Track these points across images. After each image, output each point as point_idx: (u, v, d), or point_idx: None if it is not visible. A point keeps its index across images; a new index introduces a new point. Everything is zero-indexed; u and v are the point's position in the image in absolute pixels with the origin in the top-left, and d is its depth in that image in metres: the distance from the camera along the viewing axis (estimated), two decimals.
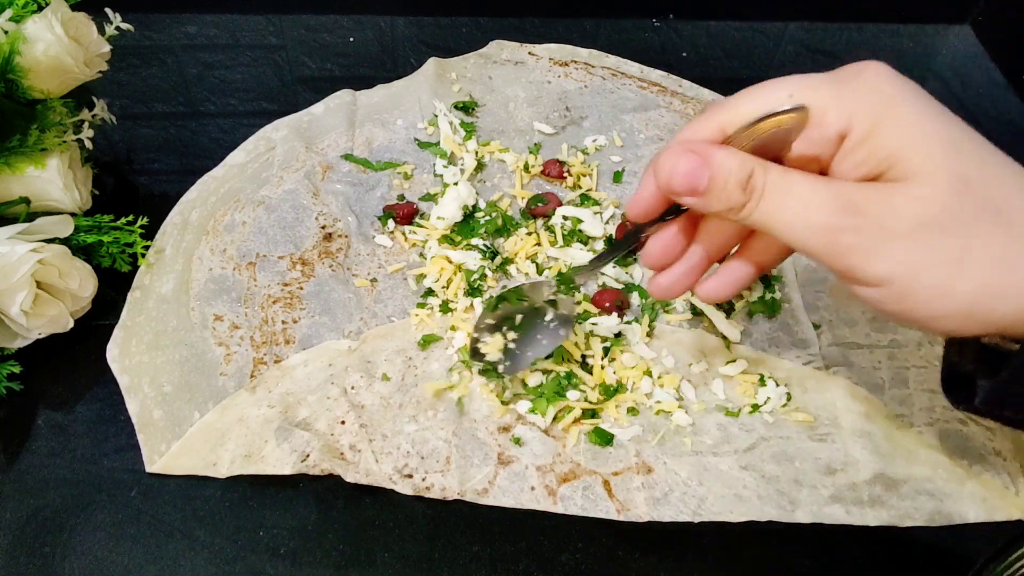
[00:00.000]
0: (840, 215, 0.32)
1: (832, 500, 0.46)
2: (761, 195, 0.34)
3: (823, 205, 0.32)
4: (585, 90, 0.70)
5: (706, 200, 0.35)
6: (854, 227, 0.32)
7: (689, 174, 0.34)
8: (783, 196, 0.33)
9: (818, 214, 0.32)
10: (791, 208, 0.33)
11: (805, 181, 0.33)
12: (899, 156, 0.31)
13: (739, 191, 0.34)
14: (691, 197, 0.35)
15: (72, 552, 0.44)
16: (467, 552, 0.45)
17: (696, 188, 0.34)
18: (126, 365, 0.51)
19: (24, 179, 0.52)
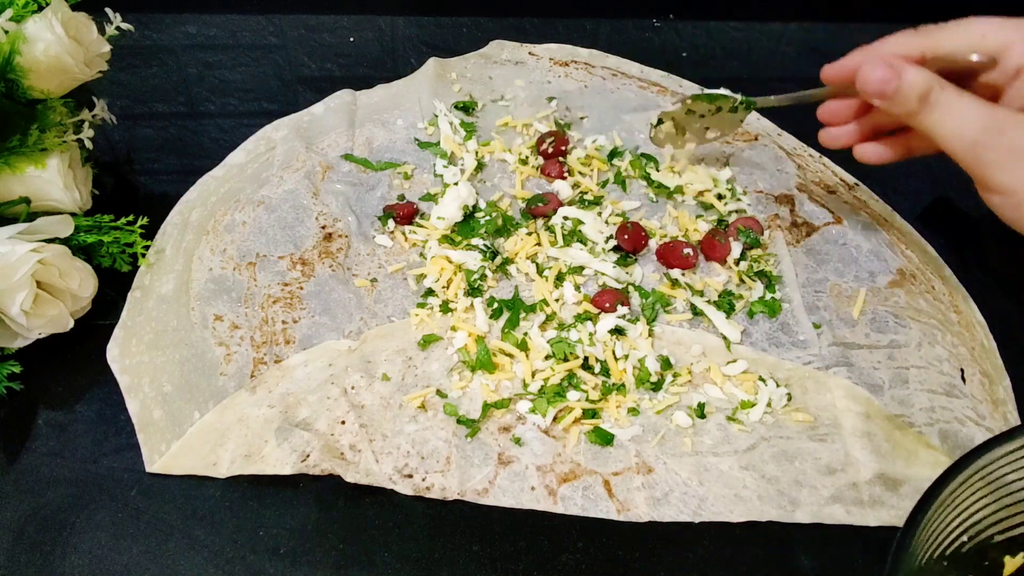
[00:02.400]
0: (986, 134, 0.41)
1: (832, 500, 0.46)
2: (933, 107, 0.43)
3: (976, 123, 0.42)
4: (585, 90, 0.70)
5: (890, 103, 0.44)
6: (995, 145, 0.41)
7: (882, 81, 0.44)
8: (949, 111, 0.43)
9: (970, 130, 0.42)
10: (951, 122, 0.43)
11: (969, 102, 0.42)
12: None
13: (916, 102, 0.43)
14: (879, 99, 0.45)
15: (72, 551, 0.44)
16: (467, 552, 0.45)
17: (884, 92, 0.44)
18: (126, 365, 0.51)
19: (24, 179, 0.52)
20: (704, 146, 0.65)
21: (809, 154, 0.67)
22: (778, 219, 0.60)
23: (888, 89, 0.44)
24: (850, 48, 0.79)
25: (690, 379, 0.51)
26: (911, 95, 0.43)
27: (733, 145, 0.66)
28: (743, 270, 0.57)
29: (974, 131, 0.42)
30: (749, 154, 0.65)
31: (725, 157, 0.65)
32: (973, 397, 0.51)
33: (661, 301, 0.55)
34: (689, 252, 0.56)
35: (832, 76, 0.49)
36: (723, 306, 0.55)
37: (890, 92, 0.44)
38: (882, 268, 0.57)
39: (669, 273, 0.56)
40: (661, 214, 0.60)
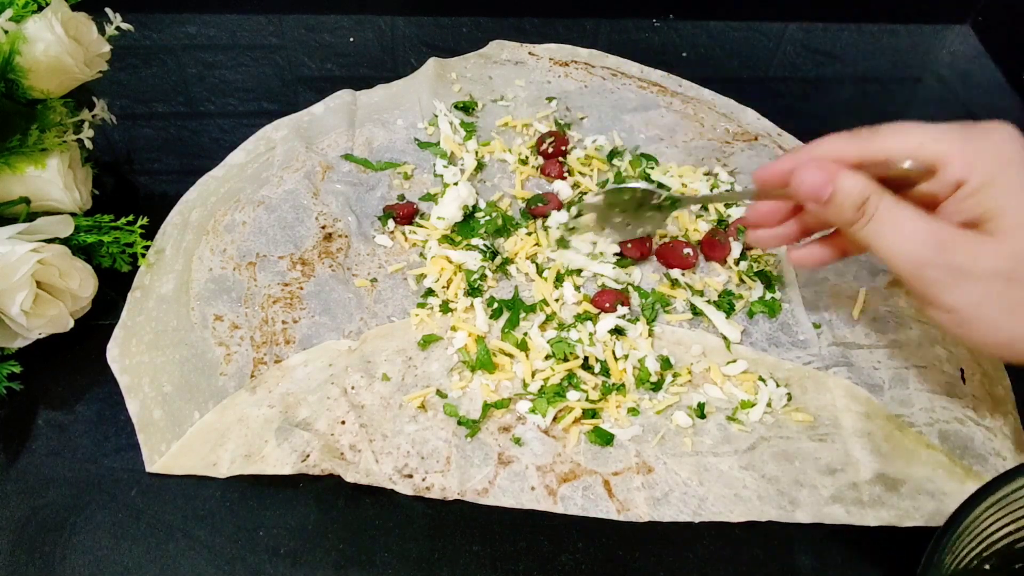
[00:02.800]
0: (932, 251, 0.39)
1: (832, 500, 0.46)
2: (871, 218, 0.41)
3: (920, 239, 0.40)
4: (585, 90, 0.70)
5: (826, 210, 0.42)
6: (940, 264, 0.39)
7: (817, 185, 0.42)
8: (889, 224, 0.40)
9: (913, 246, 0.40)
10: (892, 235, 0.40)
11: (910, 215, 0.40)
12: (998, 214, 0.39)
13: (853, 211, 0.41)
14: (814, 204, 0.43)
15: (72, 551, 0.44)
16: (467, 552, 0.45)
17: (819, 197, 0.42)
18: (126, 365, 0.51)
19: (24, 179, 0.52)
20: (702, 146, 0.65)
21: None
22: None
23: (823, 194, 0.42)
24: (850, 48, 0.79)
25: (690, 379, 0.51)
26: (847, 203, 0.41)
27: (733, 145, 0.66)
28: (743, 270, 0.57)
29: (916, 248, 0.40)
30: (749, 154, 0.65)
31: (725, 157, 0.65)
32: (973, 397, 0.51)
33: (661, 301, 0.55)
34: (689, 252, 0.56)
35: (765, 180, 0.46)
36: (723, 306, 0.55)
37: (825, 197, 0.42)
38: (882, 268, 0.57)
39: (669, 273, 0.56)
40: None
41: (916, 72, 0.79)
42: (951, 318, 0.40)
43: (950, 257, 0.39)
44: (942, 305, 0.40)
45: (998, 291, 0.39)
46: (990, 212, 0.39)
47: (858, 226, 0.41)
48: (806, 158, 0.43)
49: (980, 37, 0.81)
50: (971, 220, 0.40)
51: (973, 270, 0.39)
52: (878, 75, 0.78)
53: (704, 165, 0.64)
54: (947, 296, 0.40)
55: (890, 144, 0.42)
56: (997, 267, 0.38)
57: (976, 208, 0.40)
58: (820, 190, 0.42)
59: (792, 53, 0.78)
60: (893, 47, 0.80)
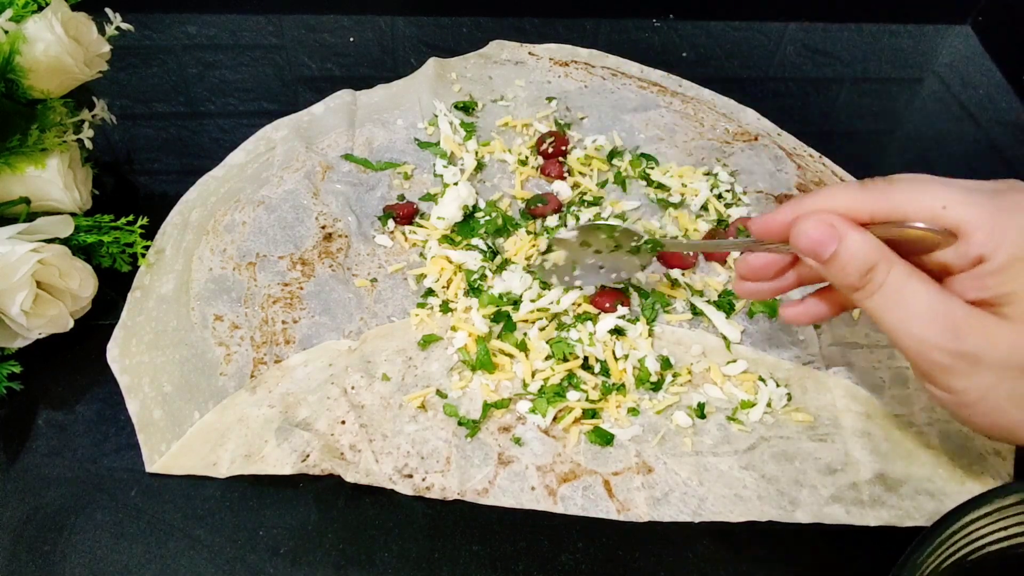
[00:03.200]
0: (942, 335, 0.36)
1: (832, 500, 0.46)
2: (877, 289, 0.37)
3: (931, 320, 0.36)
4: (585, 90, 0.70)
5: (826, 269, 0.38)
6: (950, 349, 0.36)
7: (818, 241, 0.38)
8: (897, 300, 0.37)
9: (922, 327, 0.36)
10: (901, 313, 0.37)
11: (922, 291, 0.37)
12: (1019, 299, 0.35)
13: (857, 276, 0.37)
14: (814, 261, 0.39)
15: (72, 551, 0.44)
16: (467, 552, 0.45)
17: (820, 256, 0.38)
18: (126, 365, 0.51)
19: (24, 179, 0.52)
20: (702, 146, 0.65)
21: (809, 154, 0.67)
22: None
23: (824, 252, 0.38)
24: (850, 48, 0.79)
25: (690, 379, 0.51)
26: (851, 267, 0.37)
27: (733, 145, 0.66)
28: None
29: (926, 331, 0.36)
30: (749, 154, 0.65)
31: (725, 157, 0.65)
32: None
33: (661, 301, 0.55)
34: (689, 252, 0.56)
35: (762, 231, 0.42)
36: (723, 306, 0.55)
37: (826, 256, 0.38)
38: None
39: (669, 273, 0.56)
40: (661, 214, 0.60)
41: (916, 72, 0.79)
42: (953, 400, 0.38)
43: (962, 343, 0.36)
44: (945, 388, 0.37)
45: (1009, 381, 0.36)
46: (1009, 296, 0.35)
47: (862, 295, 0.38)
48: (809, 209, 0.39)
49: (980, 37, 0.81)
50: (987, 300, 0.36)
51: (985, 359, 0.36)
52: (878, 75, 0.78)
53: (704, 165, 0.64)
54: (953, 382, 0.37)
55: (907, 202, 0.37)
56: (1012, 358, 0.35)
57: (995, 288, 0.36)
58: (822, 248, 0.38)
59: (792, 53, 0.78)
60: (893, 47, 0.80)
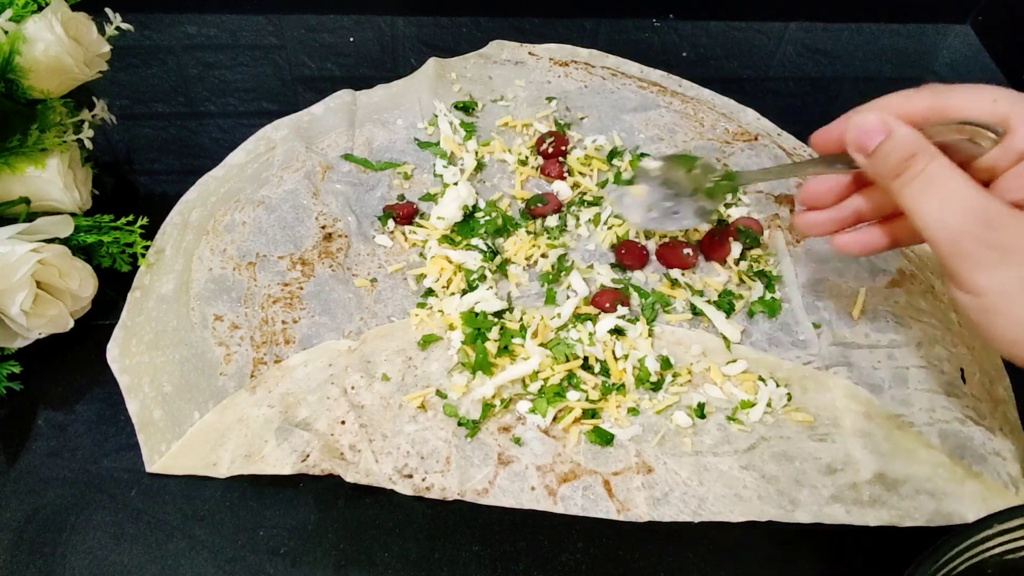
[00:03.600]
0: (974, 223, 0.36)
1: (832, 500, 0.46)
2: (915, 176, 0.37)
3: (965, 209, 0.36)
4: (585, 90, 0.70)
5: (870, 161, 0.39)
6: (980, 238, 0.35)
7: (866, 132, 0.38)
8: (933, 186, 0.37)
9: (956, 215, 0.36)
10: (935, 201, 0.37)
11: (959, 182, 0.36)
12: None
13: (898, 161, 0.37)
14: (859, 154, 0.39)
15: (72, 552, 0.44)
16: (467, 552, 0.45)
17: (866, 146, 0.38)
18: (126, 365, 0.51)
19: (24, 179, 0.52)
20: (702, 146, 0.65)
21: (809, 154, 0.67)
22: (778, 219, 0.60)
23: (871, 142, 0.38)
24: (850, 48, 0.79)
25: (690, 379, 0.51)
26: (894, 154, 0.38)
27: (733, 145, 0.66)
28: (743, 270, 0.57)
29: (959, 218, 0.36)
30: (749, 154, 0.65)
31: (725, 157, 0.65)
32: (973, 397, 0.51)
33: (661, 301, 0.55)
34: (689, 252, 0.56)
35: (823, 141, 0.43)
36: (723, 306, 0.55)
37: (872, 146, 0.38)
38: (882, 268, 0.57)
39: (669, 273, 0.56)
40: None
41: (916, 72, 0.79)
42: (977, 302, 0.37)
43: (994, 234, 0.35)
44: (971, 286, 0.36)
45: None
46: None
47: (900, 181, 0.38)
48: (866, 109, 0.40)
49: (980, 37, 0.81)
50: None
51: (1016, 252, 0.35)
52: (878, 75, 0.78)
53: None
54: (979, 276, 0.36)
55: (960, 98, 0.38)
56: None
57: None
58: (869, 138, 0.38)
59: (792, 53, 0.78)
60: (893, 47, 0.80)
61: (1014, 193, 0.37)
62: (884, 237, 0.44)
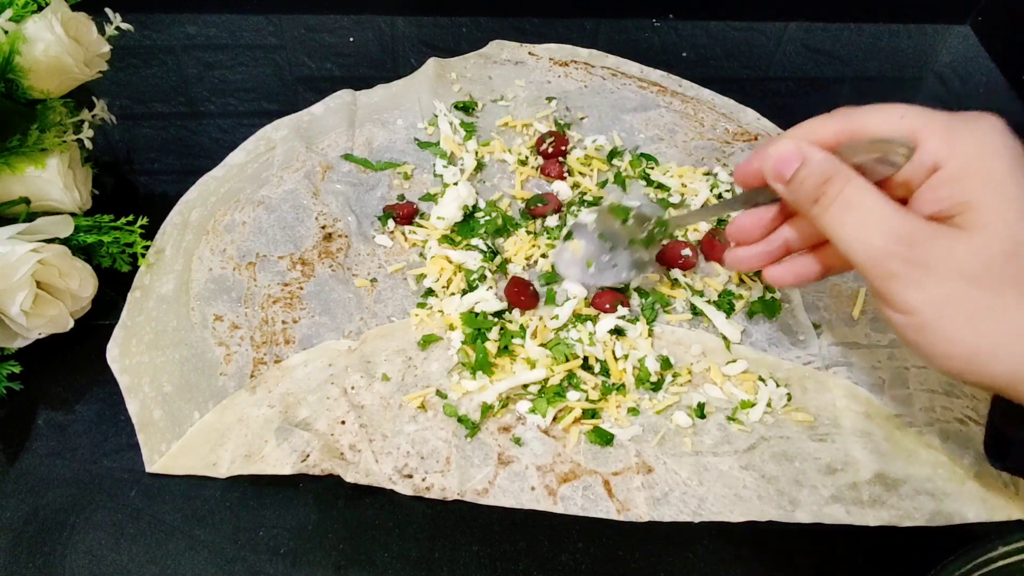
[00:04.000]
0: (896, 242, 0.35)
1: (832, 500, 0.46)
2: (833, 200, 0.37)
3: (885, 229, 0.36)
4: (585, 90, 0.70)
5: (788, 189, 0.39)
6: (904, 257, 0.35)
7: (782, 160, 0.39)
8: (851, 209, 0.37)
9: (877, 236, 0.36)
10: (855, 223, 0.37)
11: (877, 202, 0.36)
12: (974, 207, 0.35)
13: (814, 187, 0.38)
14: (778, 183, 0.39)
15: (72, 551, 0.44)
16: (467, 552, 0.45)
17: (783, 175, 0.39)
18: (126, 365, 0.51)
19: (24, 179, 0.52)
20: (702, 146, 0.65)
21: None
22: None
23: (787, 170, 0.38)
24: (850, 48, 0.79)
25: (690, 379, 0.51)
26: (810, 180, 0.38)
27: (733, 145, 0.66)
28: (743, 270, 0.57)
29: (880, 238, 0.36)
30: (749, 154, 0.65)
31: (725, 157, 0.65)
32: (973, 397, 0.51)
33: (661, 301, 0.55)
34: (689, 252, 0.56)
35: (745, 175, 0.43)
36: (723, 306, 0.55)
37: (788, 174, 0.38)
38: None
39: (669, 273, 0.56)
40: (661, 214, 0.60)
41: (916, 72, 0.79)
42: (909, 321, 0.36)
43: (916, 252, 0.35)
44: (901, 305, 0.36)
45: (963, 294, 0.34)
46: (965, 204, 0.35)
47: (820, 206, 0.38)
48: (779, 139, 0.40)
49: (980, 37, 0.81)
50: (944, 212, 0.36)
51: (940, 267, 0.35)
52: (878, 75, 0.78)
53: (704, 165, 0.64)
54: (908, 294, 0.35)
55: (868, 118, 0.38)
56: (967, 266, 0.34)
57: (951, 197, 0.36)
58: (786, 166, 0.38)
59: (792, 53, 0.78)
60: (893, 47, 0.80)
61: (930, 206, 0.36)
62: (815, 265, 0.44)
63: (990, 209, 0.34)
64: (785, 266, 0.44)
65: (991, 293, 0.34)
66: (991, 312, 0.34)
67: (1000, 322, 0.34)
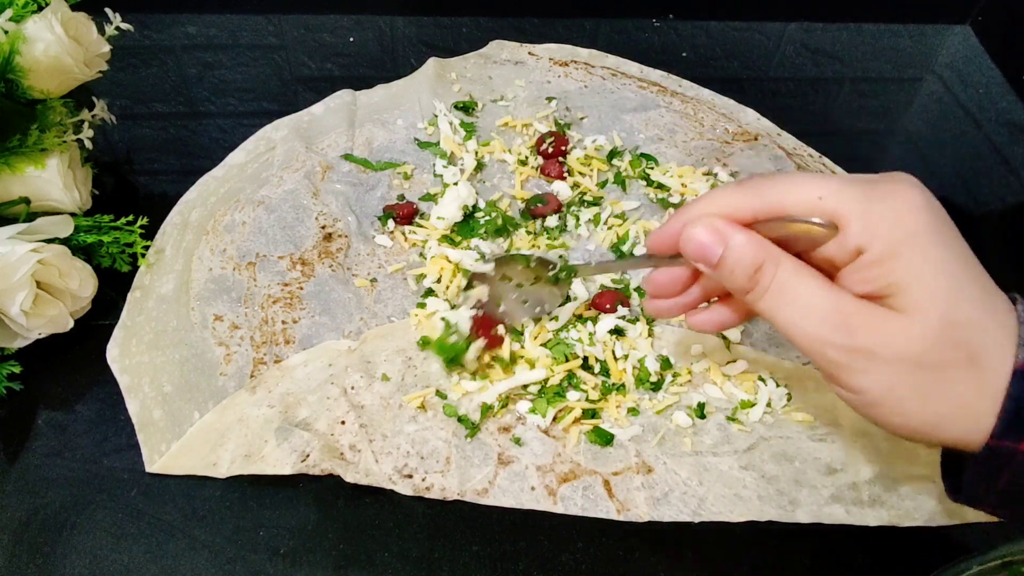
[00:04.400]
0: (835, 331, 0.35)
1: (832, 500, 0.46)
2: (766, 289, 0.36)
3: (822, 317, 0.35)
4: (585, 90, 0.70)
5: (718, 273, 0.38)
6: (844, 346, 0.35)
7: (704, 246, 0.37)
8: (787, 297, 0.36)
9: (815, 325, 0.35)
10: (792, 311, 0.36)
11: (811, 287, 0.36)
12: (904, 289, 0.34)
13: (745, 278, 0.37)
14: (704, 267, 0.38)
15: (72, 552, 0.44)
16: (467, 552, 0.45)
17: (709, 260, 0.37)
18: (126, 365, 0.51)
19: (24, 179, 0.52)
20: (702, 146, 0.65)
21: (809, 154, 0.67)
22: None
23: (711, 257, 0.37)
24: (850, 48, 0.79)
25: (690, 379, 0.51)
26: (739, 269, 0.36)
27: (733, 145, 0.66)
28: None
29: (819, 327, 0.35)
30: (749, 154, 0.65)
31: (725, 157, 0.65)
32: None
33: None
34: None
35: (657, 246, 0.41)
36: None
37: (714, 260, 0.37)
38: None
39: None
40: (661, 215, 0.60)
41: (916, 72, 0.79)
42: (859, 399, 0.36)
43: (855, 338, 0.35)
44: (849, 387, 0.36)
45: (908, 377, 0.35)
46: (895, 287, 0.34)
47: (753, 296, 0.37)
48: (694, 215, 0.38)
49: (980, 37, 0.81)
50: (875, 292, 0.35)
51: (881, 354, 0.34)
52: (878, 75, 0.78)
53: (704, 165, 0.64)
54: (853, 380, 0.35)
55: (785, 197, 0.36)
56: (907, 351, 0.34)
57: (879, 280, 0.35)
58: (709, 252, 0.37)
59: (792, 53, 0.78)
60: (893, 47, 0.80)
61: (859, 286, 0.36)
62: (735, 313, 0.43)
63: (920, 288, 0.34)
64: (706, 315, 0.44)
65: (934, 373, 0.34)
66: (937, 388, 0.35)
67: (947, 398, 0.35)
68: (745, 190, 0.37)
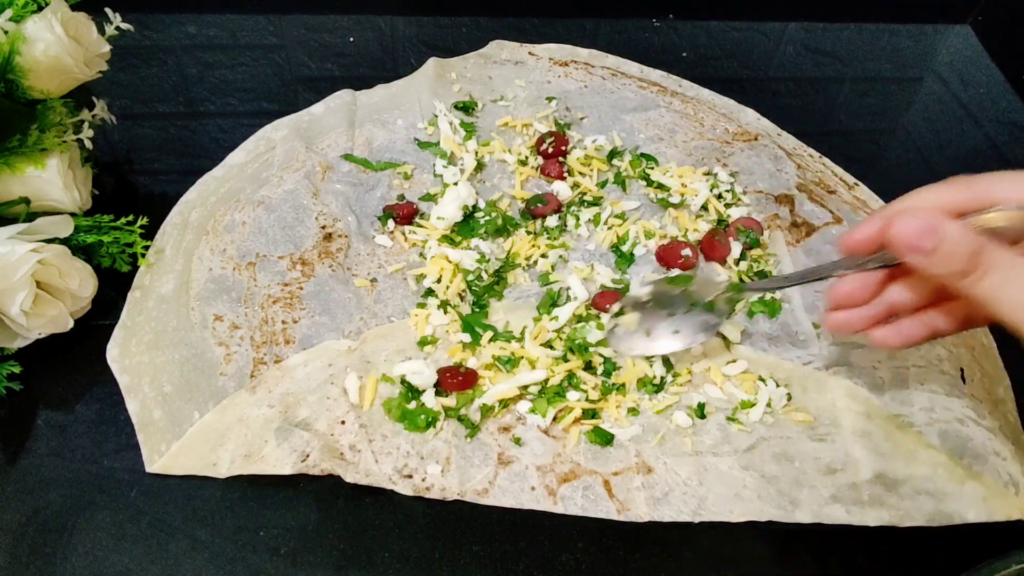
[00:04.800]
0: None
1: (832, 500, 0.46)
2: (986, 272, 0.37)
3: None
4: (585, 90, 0.70)
5: (930, 261, 0.38)
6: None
7: (919, 234, 0.37)
8: (1008, 278, 0.37)
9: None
10: (1013, 291, 0.37)
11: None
12: None
13: (966, 260, 0.37)
14: (916, 256, 0.38)
15: (73, 552, 0.44)
16: (467, 552, 0.45)
17: (922, 248, 0.38)
18: (126, 365, 0.51)
19: (24, 179, 0.52)
20: (702, 146, 0.65)
21: (809, 154, 0.67)
22: (778, 219, 0.60)
23: (926, 244, 0.37)
24: (850, 48, 0.79)
25: (690, 379, 0.51)
26: (959, 253, 0.37)
27: (733, 145, 0.66)
28: (743, 270, 0.57)
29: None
30: (749, 154, 0.65)
31: (725, 157, 0.65)
32: (973, 397, 0.51)
33: None
34: (689, 253, 0.56)
35: (854, 244, 0.42)
36: None
37: (928, 247, 0.37)
38: None
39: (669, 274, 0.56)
40: (661, 214, 0.60)
41: (916, 72, 0.79)
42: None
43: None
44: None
45: None
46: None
47: (972, 279, 0.37)
48: (901, 210, 0.39)
49: (980, 37, 0.81)
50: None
51: None
52: (878, 75, 0.78)
53: (704, 165, 0.64)
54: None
55: (993, 189, 0.38)
56: None
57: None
58: (924, 240, 0.37)
59: (792, 53, 0.78)
60: (893, 47, 0.80)
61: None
62: (923, 329, 0.43)
63: None
64: (894, 329, 0.44)
65: None
66: None
67: None
68: (950, 185, 0.39)
